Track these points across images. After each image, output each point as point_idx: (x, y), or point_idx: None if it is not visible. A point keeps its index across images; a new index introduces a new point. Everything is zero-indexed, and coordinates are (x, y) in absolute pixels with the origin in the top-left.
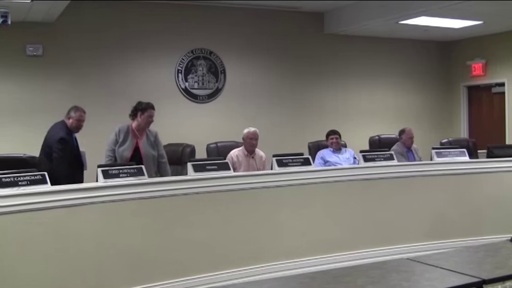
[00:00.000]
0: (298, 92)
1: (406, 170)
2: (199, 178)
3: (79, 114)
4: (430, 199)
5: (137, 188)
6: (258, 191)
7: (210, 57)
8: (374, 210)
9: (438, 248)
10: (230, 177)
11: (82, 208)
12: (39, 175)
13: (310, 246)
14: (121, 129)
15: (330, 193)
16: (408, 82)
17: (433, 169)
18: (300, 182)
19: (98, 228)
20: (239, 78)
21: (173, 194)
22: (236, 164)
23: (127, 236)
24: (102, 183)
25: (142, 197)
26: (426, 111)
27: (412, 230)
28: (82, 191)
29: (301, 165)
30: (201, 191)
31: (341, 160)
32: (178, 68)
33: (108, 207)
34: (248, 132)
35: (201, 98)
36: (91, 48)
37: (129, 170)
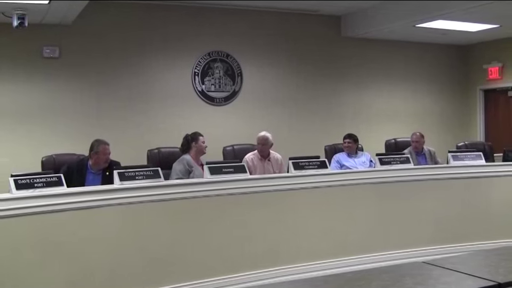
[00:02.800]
0: (316, 94)
1: (422, 174)
2: (215, 181)
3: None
4: (446, 203)
5: (153, 190)
6: (274, 194)
7: (227, 60)
8: (390, 214)
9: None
10: (246, 179)
11: (98, 210)
12: (55, 177)
13: (326, 249)
14: (188, 161)
15: (346, 197)
16: (425, 86)
17: (450, 173)
18: (316, 185)
19: (114, 230)
20: (256, 80)
21: (189, 197)
22: (251, 168)
23: (143, 238)
24: (118, 185)
25: (158, 199)
26: (443, 114)
27: (427, 233)
28: (97, 193)
29: (317, 168)
30: (217, 193)
31: (356, 164)
32: (195, 70)
33: (124, 210)
34: (258, 137)
35: (218, 101)
36: (107, 51)
37: (145, 173)
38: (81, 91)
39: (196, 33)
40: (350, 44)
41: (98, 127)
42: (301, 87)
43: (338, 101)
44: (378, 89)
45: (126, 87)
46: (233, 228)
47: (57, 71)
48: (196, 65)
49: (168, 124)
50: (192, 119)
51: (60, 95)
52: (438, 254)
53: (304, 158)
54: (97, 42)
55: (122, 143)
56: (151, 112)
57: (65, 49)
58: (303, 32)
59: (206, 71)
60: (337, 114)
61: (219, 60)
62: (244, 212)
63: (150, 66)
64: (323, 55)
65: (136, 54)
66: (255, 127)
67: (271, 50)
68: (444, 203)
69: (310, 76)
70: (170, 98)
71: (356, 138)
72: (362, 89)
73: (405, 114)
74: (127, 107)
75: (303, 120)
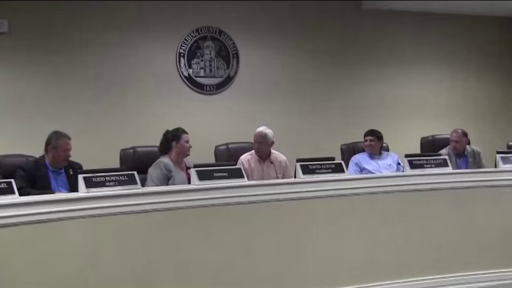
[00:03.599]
0: (331, 81)
1: (464, 180)
2: (204, 188)
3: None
4: (496, 215)
5: (128, 199)
6: (278, 204)
7: (220, 37)
8: (424, 229)
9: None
10: (244, 186)
11: (58, 224)
12: (3, 183)
13: (342, 272)
14: (166, 164)
15: (368, 208)
16: (469, 71)
17: (499, 178)
18: (330, 193)
19: (78, 248)
20: (256, 63)
21: (173, 208)
22: (247, 171)
23: (114, 259)
24: (84, 194)
25: (134, 210)
26: (491, 106)
27: (473, 255)
28: (57, 203)
29: (331, 172)
30: (207, 203)
31: (380, 167)
32: (180, 50)
33: (90, 223)
34: (254, 133)
35: (209, 88)
36: (70, 26)
37: (118, 178)
38: (35, 75)
39: (181, 5)
40: (373, 19)
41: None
42: (311, 73)
43: (358, 90)
44: (408, 75)
45: (93, 71)
46: (226, 246)
47: (4, 50)
48: (181, 44)
49: (146, 117)
50: (176, 112)
51: (7, 81)
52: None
53: (315, 160)
54: (56, 16)
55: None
56: (125, 102)
57: (15, 23)
58: (315, 4)
59: (193, 51)
60: (357, 107)
61: (210, 37)
62: (239, 227)
63: (123, 46)
64: (340, 34)
65: (106, 30)
66: (254, 122)
67: (275, 27)
68: (493, 216)
69: (323, 59)
70: (148, 86)
71: (379, 135)
72: (389, 76)
73: (443, 106)
74: (94, 97)
75: (314, 113)
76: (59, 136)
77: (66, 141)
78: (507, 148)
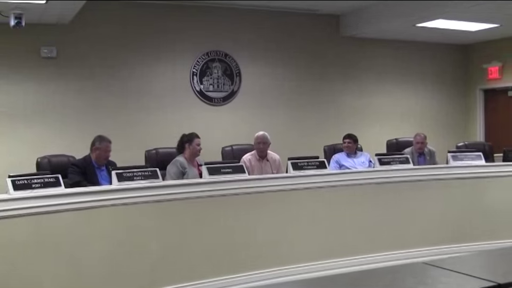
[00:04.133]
0: (315, 94)
1: (422, 174)
2: (213, 181)
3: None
4: (446, 203)
5: (151, 190)
6: (273, 194)
7: (225, 59)
8: (389, 214)
9: (453, 252)
10: (245, 180)
11: (96, 211)
12: (53, 177)
13: (326, 250)
14: (181, 162)
15: (346, 197)
16: (425, 85)
17: (449, 173)
18: (315, 185)
19: (112, 231)
20: (255, 80)
21: (187, 197)
22: (249, 169)
23: (141, 239)
24: (116, 186)
25: (156, 199)
26: (443, 114)
27: (427, 234)
28: (95, 194)
29: (316, 168)
30: (215, 194)
31: (356, 164)
32: (193, 70)
33: (122, 210)
34: (256, 136)
35: (217, 101)
36: (105, 50)
37: (143, 173)
38: (78, 91)
39: (194, 33)
40: (350, 44)
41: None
42: (300, 87)
43: (338, 101)
44: (378, 89)
45: (124, 87)
46: (232, 229)
47: (54, 71)
48: (194, 65)
49: (166, 124)
50: (190, 119)
51: (57, 95)
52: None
53: (303, 158)
54: (94, 42)
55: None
56: (149, 112)
57: (62, 49)
58: (302, 32)
59: (204, 70)
60: (336, 115)
61: (217, 59)
62: (242, 213)
63: (148, 66)
64: (322, 55)
65: (134, 54)
66: (253, 127)
67: (269, 50)
68: (444, 203)
69: (309, 76)
70: (168, 98)
71: (355, 138)
72: (363, 89)
73: (406, 114)
74: (125, 107)
75: (302, 120)
76: (102, 140)
77: (108, 144)
78: (456, 148)
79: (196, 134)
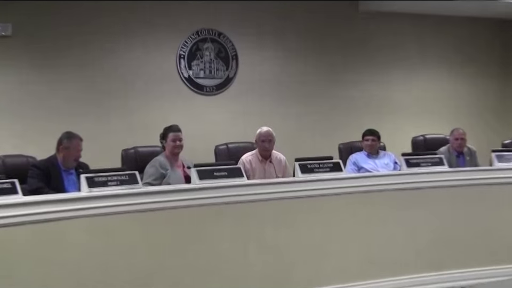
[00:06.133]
0: (328, 83)
1: (461, 178)
2: (205, 187)
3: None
4: (490, 214)
5: (129, 198)
6: (278, 203)
7: (219, 39)
8: (420, 227)
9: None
10: (244, 185)
11: (61, 224)
12: (7, 183)
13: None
14: (161, 162)
15: (366, 206)
16: (462, 70)
17: (494, 177)
18: (329, 191)
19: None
20: (255, 65)
21: (173, 207)
22: (249, 171)
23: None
24: (86, 193)
25: (135, 209)
26: (485, 105)
27: (467, 252)
28: (61, 203)
29: (329, 171)
30: (207, 202)
31: (378, 166)
32: (181, 52)
33: (92, 223)
34: (260, 132)
35: (209, 89)
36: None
37: (119, 178)
38: (37, 78)
39: (181, 8)
40: (369, 21)
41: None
42: (310, 74)
43: (355, 91)
44: (405, 75)
45: (95, 73)
46: (227, 245)
47: (9, 53)
48: (182, 46)
49: (147, 118)
50: (176, 112)
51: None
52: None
53: (313, 159)
54: (58, 19)
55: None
56: (126, 104)
57: (19, 27)
58: (314, 8)
59: (193, 53)
60: (354, 107)
61: (210, 39)
62: (240, 225)
63: (124, 47)
64: (337, 35)
65: (109, 34)
66: (253, 122)
67: (274, 30)
68: (487, 215)
69: (321, 61)
70: (149, 87)
71: (378, 135)
72: (385, 76)
73: (438, 106)
74: (95, 98)
75: (313, 113)
76: (71, 137)
77: (78, 142)
78: (502, 147)
79: (174, 127)
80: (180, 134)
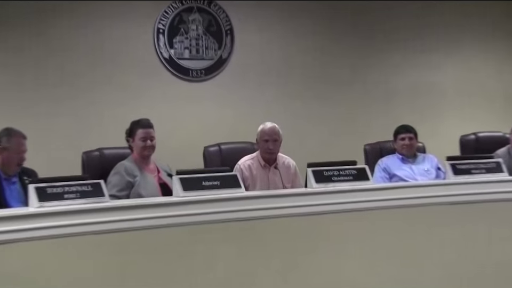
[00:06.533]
0: (350, 67)
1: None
2: (191, 200)
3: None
4: None
5: (92, 215)
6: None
7: (209, 9)
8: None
9: None
10: (241, 199)
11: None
12: None
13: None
14: (127, 167)
15: (401, 225)
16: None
17: None
18: (351, 207)
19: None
20: (255, 42)
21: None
22: (248, 180)
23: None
24: (36, 209)
25: (100, 230)
26: None
27: None
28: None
29: (352, 179)
30: (194, 220)
31: (415, 173)
32: (159, 26)
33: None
34: (262, 129)
35: (195, 74)
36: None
37: (80, 188)
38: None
39: None
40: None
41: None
42: (326, 54)
43: (385, 77)
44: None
45: (48, 53)
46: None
47: None
48: (161, 17)
49: (116, 111)
50: (153, 103)
51: None
52: None
53: (331, 164)
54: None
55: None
56: (89, 93)
57: None
58: None
59: (176, 27)
60: (383, 98)
61: (197, 9)
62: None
63: (85, 20)
64: (362, 5)
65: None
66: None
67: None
68: None
69: (341, 38)
70: (119, 72)
71: (415, 132)
72: (423, 59)
73: (491, 97)
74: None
75: (330, 106)
76: (12, 134)
77: (21, 141)
78: None
79: (144, 121)
80: (152, 131)
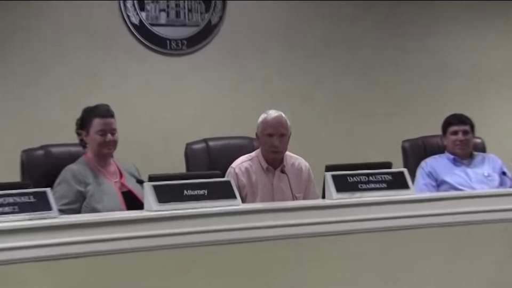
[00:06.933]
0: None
1: None
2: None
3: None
4: None
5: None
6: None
7: None
8: None
9: None
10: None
11: None
12: None
13: None
14: (76, 173)
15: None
16: None
17: None
18: (385, 224)
19: None
20: (254, 5)
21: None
22: (246, 188)
23: None
24: None
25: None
26: None
27: None
28: None
29: (386, 188)
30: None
31: (472, 179)
32: None
33: None
34: (265, 120)
35: (175, 45)
36: None
37: (19, 200)
38: None
39: None
40: None
41: None
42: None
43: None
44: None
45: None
46: None
47: None
48: None
49: (69, 96)
50: (119, 84)
51: None
52: None
53: (357, 167)
54: None
55: None
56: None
57: None
58: None
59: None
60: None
61: None
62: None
63: None
64: None
65: None
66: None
67: None
68: None
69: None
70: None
71: (472, 123)
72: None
73: None
74: None
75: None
76: None
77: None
78: None
79: (101, 108)
80: (113, 121)
